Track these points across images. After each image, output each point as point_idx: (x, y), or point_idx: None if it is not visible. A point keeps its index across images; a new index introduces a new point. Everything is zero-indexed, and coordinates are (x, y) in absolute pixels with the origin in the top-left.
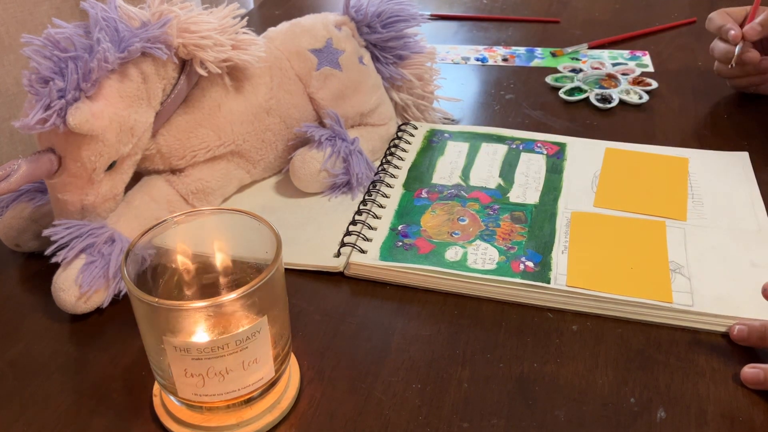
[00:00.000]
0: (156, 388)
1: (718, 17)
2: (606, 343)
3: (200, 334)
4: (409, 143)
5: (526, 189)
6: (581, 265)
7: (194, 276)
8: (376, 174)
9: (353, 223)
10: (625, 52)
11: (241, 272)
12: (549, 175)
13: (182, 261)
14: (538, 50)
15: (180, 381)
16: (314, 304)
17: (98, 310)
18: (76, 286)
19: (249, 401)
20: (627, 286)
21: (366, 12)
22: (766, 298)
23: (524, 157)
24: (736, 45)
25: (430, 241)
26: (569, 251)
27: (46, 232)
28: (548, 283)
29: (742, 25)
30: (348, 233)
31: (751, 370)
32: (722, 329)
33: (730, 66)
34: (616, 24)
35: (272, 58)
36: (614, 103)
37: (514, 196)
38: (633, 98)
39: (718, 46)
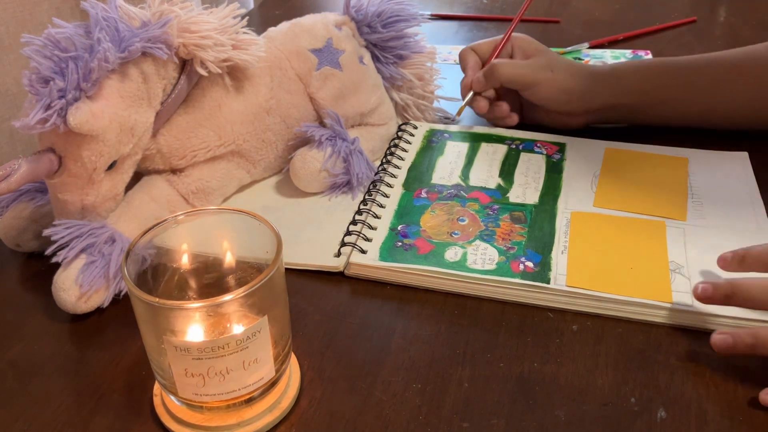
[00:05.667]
0: (156, 387)
1: (463, 55)
2: (606, 343)
3: (201, 333)
4: (409, 143)
5: (526, 189)
6: (581, 265)
7: (194, 276)
8: (376, 174)
9: (353, 222)
10: (628, 51)
11: (242, 272)
12: (549, 175)
13: (182, 261)
14: None
15: (180, 381)
16: (314, 304)
17: (98, 310)
18: (77, 286)
19: (249, 401)
20: (627, 286)
21: (366, 12)
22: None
23: (524, 157)
24: (467, 93)
25: (430, 241)
26: (569, 251)
27: (46, 232)
28: (548, 283)
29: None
30: (348, 233)
31: (719, 336)
32: (722, 329)
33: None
34: (616, 24)
35: (272, 58)
36: None
37: (514, 196)
38: None
39: (463, 83)
